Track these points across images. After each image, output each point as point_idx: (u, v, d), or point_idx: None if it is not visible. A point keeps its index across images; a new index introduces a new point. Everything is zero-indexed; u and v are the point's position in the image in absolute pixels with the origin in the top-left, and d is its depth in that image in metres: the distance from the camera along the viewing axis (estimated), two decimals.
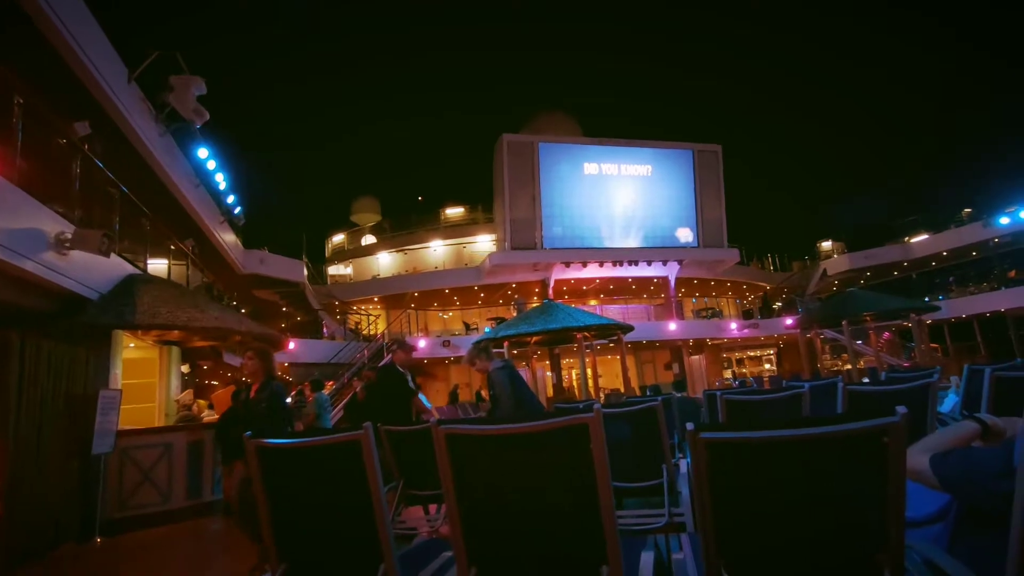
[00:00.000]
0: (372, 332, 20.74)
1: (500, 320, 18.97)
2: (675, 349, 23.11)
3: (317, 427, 7.74)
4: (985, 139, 51.58)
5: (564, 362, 22.23)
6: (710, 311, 25.03)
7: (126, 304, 6.31)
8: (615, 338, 14.80)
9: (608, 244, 22.17)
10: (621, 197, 22.70)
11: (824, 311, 17.23)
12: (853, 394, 3.23)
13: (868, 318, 15.31)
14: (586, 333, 13.04)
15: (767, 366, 26.52)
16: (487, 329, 18.79)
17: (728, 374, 25.72)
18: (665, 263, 22.34)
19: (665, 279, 22.86)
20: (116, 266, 6.90)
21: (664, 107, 62.36)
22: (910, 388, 3.08)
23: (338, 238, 30.82)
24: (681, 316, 23.60)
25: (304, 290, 18.21)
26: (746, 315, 25.05)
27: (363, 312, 22.99)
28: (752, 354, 26.95)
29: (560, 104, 29.90)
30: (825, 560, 1.35)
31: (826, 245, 29.85)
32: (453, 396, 17.94)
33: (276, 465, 1.79)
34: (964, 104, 54.16)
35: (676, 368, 22.64)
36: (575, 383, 22.97)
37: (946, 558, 1.39)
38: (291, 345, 15.58)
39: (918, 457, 1.38)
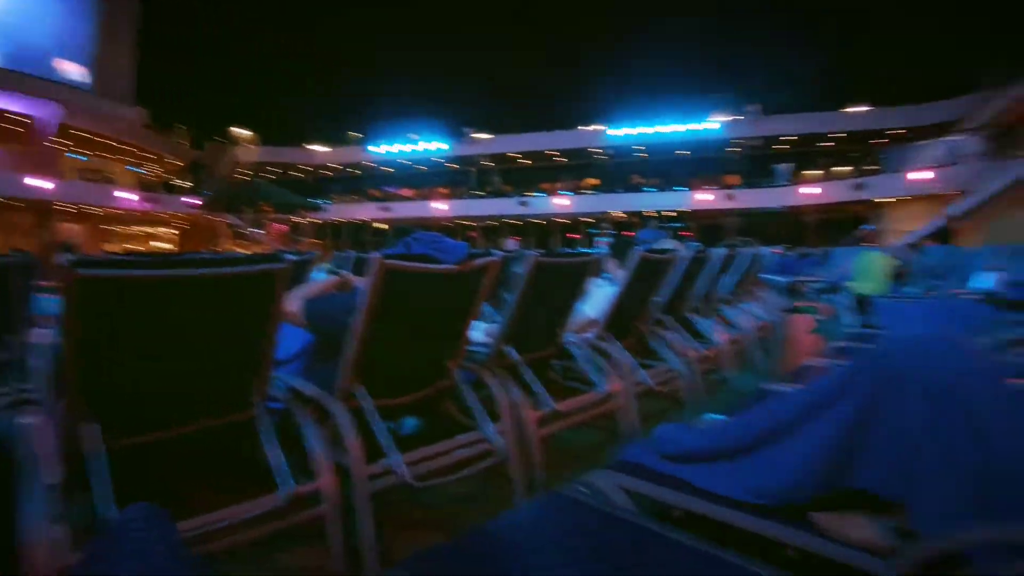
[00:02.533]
0: None
1: None
2: (45, 213, 18.44)
3: None
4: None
5: None
6: (101, 175, 21.15)
7: None
8: None
9: None
10: None
11: (231, 196, 17.50)
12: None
13: (268, 209, 16.56)
14: None
15: (164, 245, 24.79)
16: None
17: (115, 248, 22.63)
18: (37, 97, 17.13)
19: (35, 119, 17.57)
20: None
21: None
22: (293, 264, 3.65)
23: None
24: (60, 175, 18.88)
25: None
26: (147, 187, 22.60)
27: None
28: (150, 230, 24.59)
29: None
30: (208, 388, 1.51)
31: (243, 133, 29.88)
32: None
33: None
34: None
35: (46, 237, 18.19)
36: None
37: (300, 381, 1.87)
38: None
39: (295, 302, 1.78)
